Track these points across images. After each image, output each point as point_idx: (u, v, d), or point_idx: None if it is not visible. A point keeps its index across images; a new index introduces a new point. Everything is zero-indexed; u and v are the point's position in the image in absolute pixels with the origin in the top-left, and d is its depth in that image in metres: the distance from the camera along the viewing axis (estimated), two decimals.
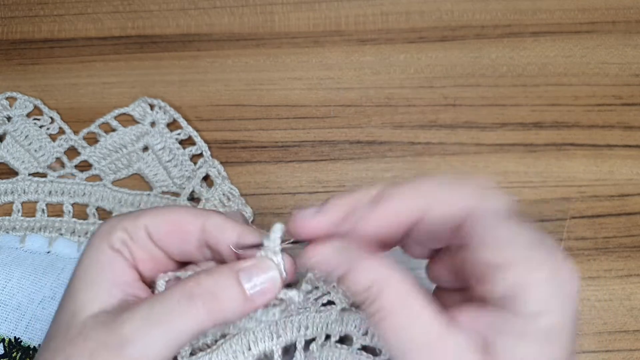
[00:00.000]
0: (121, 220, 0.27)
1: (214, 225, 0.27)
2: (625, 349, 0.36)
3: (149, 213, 0.27)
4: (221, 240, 0.27)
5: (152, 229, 0.27)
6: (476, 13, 0.45)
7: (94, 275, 0.26)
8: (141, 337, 0.24)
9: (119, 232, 0.26)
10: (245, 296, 0.25)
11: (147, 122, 0.42)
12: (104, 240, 0.26)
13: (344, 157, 0.41)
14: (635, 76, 0.42)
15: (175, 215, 0.27)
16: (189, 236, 0.27)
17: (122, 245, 0.26)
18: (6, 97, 0.43)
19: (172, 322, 0.24)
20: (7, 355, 0.34)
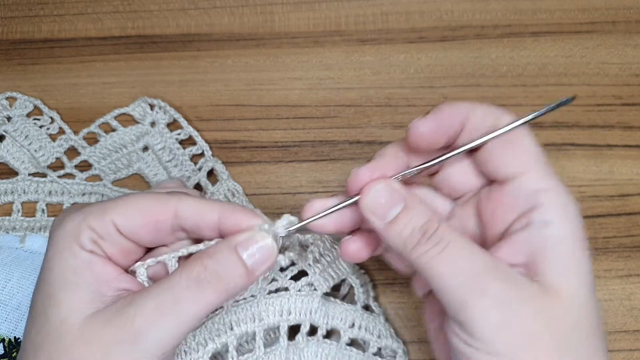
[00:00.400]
0: (85, 217, 0.26)
1: (189, 210, 0.27)
2: (625, 349, 0.36)
3: (115, 207, 0.26)
4: (202, 224, 0.27)
5: (121, 224, 0.26)
6: (476, 13, 0.45)
7: (75, 279, 0.25)
8: (154, 328, 0.24)
9: (87, 231, 0.26)
10: (247, 270, 0.26)
11: (147, 122, 0.42)
12: (72, 242, 0.26)
13: (344, 157, 0.41)
14: (635, 76, 0.42)
15: (144, 206, 0.27)
16: (161, 225, 0.27)
17: (94, 245, 0.26)
18: (6, 97, 0.43)
19: (183, 309, 0.24)
20: (7, 355, 0.34)
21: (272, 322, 0.31)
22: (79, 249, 0.26)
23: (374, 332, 0.34)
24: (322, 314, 0.32)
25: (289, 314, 0.31)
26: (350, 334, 0.33)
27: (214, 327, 0.30)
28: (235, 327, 0.30)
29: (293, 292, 0.32)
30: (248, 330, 0.30)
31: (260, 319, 0.30)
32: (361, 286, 0.35)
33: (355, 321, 0.34)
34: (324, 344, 0.32)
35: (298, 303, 0.31)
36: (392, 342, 0.34)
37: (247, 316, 0.30)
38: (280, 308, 0.31)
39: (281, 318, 0.31)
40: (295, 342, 0.32)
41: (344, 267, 0.35)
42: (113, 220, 0.26)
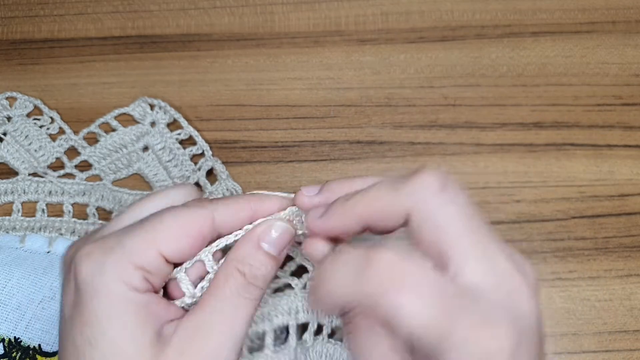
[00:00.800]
0: (128, 256, 0.24)
1: (226, 216, 0.27)
2: (625, 349, 0.36)
3: (158, 236, 0.25)
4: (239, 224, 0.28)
5: (169, 252, 0.25)
6: (476, 13, 0.45)
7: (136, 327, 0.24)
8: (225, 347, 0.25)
9: (136, 271, 0.24)
10: (274, 258, 0.27)
11: (147, 122, 0.42)
12: (120, 284, 0.24)
13: (344, 157, 0.41)
14: (635, 76, 0.42)
15: (187, 226, 0.26)
16: (203, 239, 0.27)
17: (146, 284, 0.25)
18: (6, 97, 0.43)
19: (240, 317, 0.26)
20: (7, 355, 0.34)
21: (281, 322, 0.31)
22: (135, 293, 0.24)
23: None
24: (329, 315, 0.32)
25: (297, 312, 0.31)
26: None
27: None
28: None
29: (297, 289, 0.32)
30: (259, 330, 0.30)
31: (270, 319, 0.30)
32: None
33: None
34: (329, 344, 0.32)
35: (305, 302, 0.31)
36: None
37: (257, 316, 0.30)
38: (289, 307, 0.31)
39: (290, 317, 0.31)
40: (303, 340, 0.32)
41: None
42: (160, 251, 0.25)
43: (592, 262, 0.38)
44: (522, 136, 0.41)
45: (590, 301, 0.37)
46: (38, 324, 0.35)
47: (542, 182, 0.40)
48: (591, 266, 0.38)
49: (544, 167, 0.40)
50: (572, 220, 0.39)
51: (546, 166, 0.40)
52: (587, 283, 0.37)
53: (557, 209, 0.39)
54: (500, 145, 0.41)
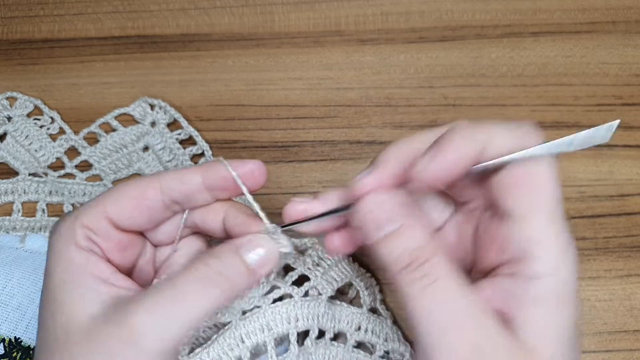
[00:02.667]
0: (78, 216, 0.26)
1: (171, 180, 0.27)
2: (625, 349, 0.36)
3: (105, 200, 0.27)
4: (188, 189, 0.27)
5: (113, 214, 0.27)
6: (476, 13, 0.45)
7: (74, 279, 0.25)
8: (154, 324, 0.24)
9: (81, 229, 0.26)
10: (249, 270, 0.26)
11: (148, 122, 0.42)
12: (68, 242, 0.26)
13: (344, 157, 0.41)
14: (635, 76, 0.42)
15: (131, 189, 0.27)
16: (152, 203, 0.27)
17: (89, 242, 0.26)
18: (6, 97, 0.43)
19: (186, 306, 0.24)
20: (8, 355, 0.34)
21: (281, 331, 0.31)
22: (75, 248, 0.26)
23: (381, 335, 0.34)
24: (329, 318, 0.32)
25: (296, 320, 0.31)
26: (357, 337, 0.33)
27: (226, 342, 0.29)
28: (246, 339, 0.30)
29: (297, 298, 0.31)
30: (259, 341, 0.30)
31: (270, 329, 0.30)
32: (366, 289, 0.35)
33: (361, 324, 0.34)
34: (332, 347, 0.32)
35: (304, 309, 0.31)
36: (400, 345, 0.34)
37: (256, 327, 0.30)
38: (288, 315, 0.31)
39: (289, 325, 0.31)
40: (305, 347, 0.32)
41: (347, 270, 0.35)
42: (104, 212, 0.26)
43: (592, 262, 0.38)
44: None
45: (590, 301, 0.37)
46: None
47: None
48: (591, 266, 0.38)
49: None
50: (572, 220, 0.39)
51: None
52: (587, 283, 0.37)
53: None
54: None
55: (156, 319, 0.24)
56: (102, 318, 0.24)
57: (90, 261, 0.26)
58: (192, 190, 0.27)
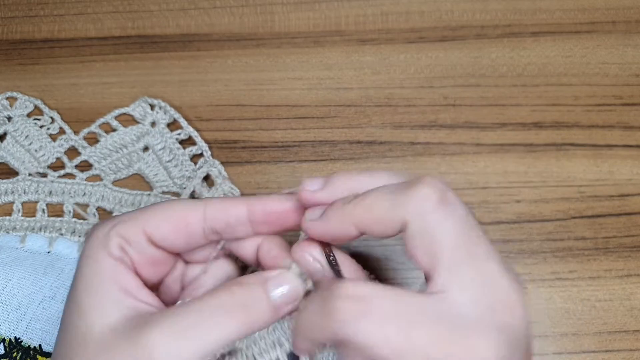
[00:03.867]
0: (116, 225, 0.26)
1: (216, 209, 0.27)
2: (625, 349, 0.36)
3: (146, 215, 0.27)
4: (231, 220, 0.27)
5: (152, 231, 0.26)
6: (476, 13, 0.45)
7: (98, 286, 0.25)
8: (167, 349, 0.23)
9: (116, 238, 0.26)
10: (273, 307, 0.26)
11: (148, 122, 0.42)
12: (100, 249, 0.26)
13: (344, 157, 0.41)
14: (635, 76, 0.42)
15: (174, 211, 0.27)
16: (192, 228, 0.27)
17: (122, 252, 0.26)
18: (6, 97, 0.43)
19: (202, 334, 0.24)
20: (8, 355, 0.34)
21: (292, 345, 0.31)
22: (106, 255, 0.25)
23: None
24: None
25: None
26: None
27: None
28: (258, 358, 0.29)
29: None
30: (272, 359, 0.29)
31: (281, 345, 0.30)
32: None
33: None
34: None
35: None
36: None
37: (268, 345, 0.30)
38: None
39: None
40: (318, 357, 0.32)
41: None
42: (143, 227, 0.26)
43: (592, 262, 0.38)
44: (522, 136, 0.41)
45: (590, 301, 0.37)
46: (38, 324, 0.35)
47: (542, 182, 0.40)
48: (591, 266, 0.38)
49: (544, 167, 0.40)
50: (572, 220, 0.39)
51: (546, 166, 0.40)
52: (587, 283, 0.37)
53: (557, 209, 0.39)
54: (500, 145, 0.41)
55: (171, 342, 0.23)
56: (120, 332, 0.24)
57: (119, 271, 0.26)
58: (235, 222, 0.27)
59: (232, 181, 0.40)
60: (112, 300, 0.25)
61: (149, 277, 0.27)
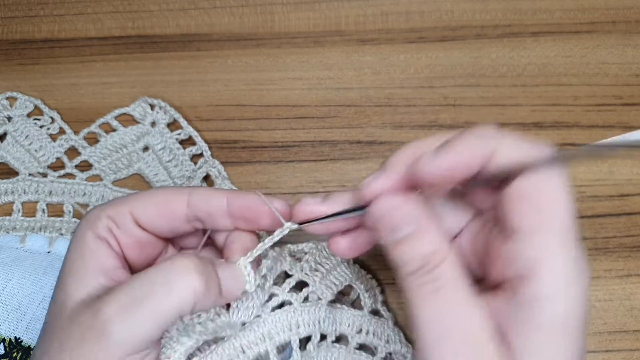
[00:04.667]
0: (105, 208, 0.28)
1: (199, 197, 0.28)
2: (625, 349, 0.36)
3: (133, 199, 0.28)
4: (212, 210, 0.28)
5: (138, 213, 0.28)
6: (476, 13, 0.45)
7: (79, 263, 0.26)
8: (120, 320, 0.24)
9: (104, 220, 0.27)
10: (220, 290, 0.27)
11: (148, 122, 0.42)
12: (89, 229, 0.27)
13: (344, 157, 0.41)
14: (635, 76, 0.42)
15: (160, 196, 0.28)
16: (176, 213, 0.28)
17: (108, 233, 0.27)
18: (6, 97, 0.43)
19: (157, 301, 0.24)
20: (8, 355, 0.34)
21: (282, 339, 0.30)
22: (92, 235, 0.27)
23: (382, 337, 0.34)
24: (330, 322, 0.32)
25: (297, 327, 0.31)
26: (358, 340, 0.33)
27: (225, 352, 0.29)
28: (247, 350, 0.29)
29: (297, 304, 0.31)
30: (260, 351, 0.30)
31: (271, 337, 0.30)
32: (367, 291, 0.35)
33: (362, 326, 0.33)
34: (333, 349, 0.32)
35: (305, 315, 0.31)
36: (401, 347, 0.34)
37: (257, 337, 0.30)
38: (289, 323, 0.31)
39: (291, 332, 0.31)
40: (307, 351, 0.31)
41: (346, 273, 0.34)
42: (130, 210, 0.28)
43: (592, 262, 0.38)
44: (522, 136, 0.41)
45: (590, 301, 0.37)
46: (39, 324, 0.35)
47: None
48: (591, 266, 0.38)
49: None
50: None
51: None
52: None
53: None
54: None
55: (124, 311, 0.24)
56: (83, 307, 0.25)
57: (101, 250, 0.27)
58: (215, 212, 0.28)
59: (232, 181, 0.40)
60: (89, 277, 0.26)
61: (136, 259, 0.29)
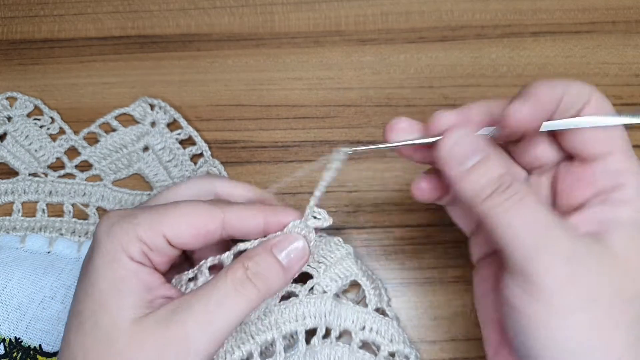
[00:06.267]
0: (136, 228, 0.27)
1: (236, 220, 0.29)
2: None
3: (165, 219, 0.28)
4: (249, 231, 0.29)
5: (171, 236, 0.27)
6: (476, 13, 0.45)
7: (123, 287, 0.26)
8: (203, 329, 0.26)
9: (137, 243, 0.27)
10: (283, 268, 0.28)
11: (148, 122, 0.42)
12: (122, 253, 0.27)
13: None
14: (635, 76, 0.42)
15: (194, 218, 0.28)
16: (211, 235, 0.28)
17: (143, 257, 0.27)
18: (6, 97, 0.43)
19: (229, 308, 0.26)
20: (8, 355, 0.34)
21: (289, 329, 0.31)
22: (128, 260, 0.27)
23: (386, 335, 0.34)
24: (335, 316, 0.32)
25: (304, 318, 0.31)
26: (362, 336, 0.33)
27: (238, 336, 0.30)
28: (255, 336, 0.30)
29: (302, 296, 0.32)
30: (267, 339, 0.30)
31: (277, 327, 0.31)
32: (372, 289, 0.35)
33: (366, 324, 0.34)
34: (337, 347, 0.32)
35: (311, 307, 0.32)
36: (405, 348, 0.34)
37: (264, 325, 0.30)
38: (295, 314, 0.31)
39: (297, 323, 0.31)
40: (311, 345, 0.32)
41: (352, 268, 0.34)
42: (163, 233, 0.27)
43: None
44: None
45: None
46: (39, 324, 0.35)
47: None
48: None
49: None
50: None
51: None
52: None
53: None
54: None
55: (205, 322, 0.26)
56: (152, 324, 0.26)
57: (141, 272, 0.27)
58: (252, 232, 0.29)
59: None
60: (139, 299, 0.26)
61: (163, 268, 0.29)
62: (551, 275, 0.22)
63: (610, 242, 0.24)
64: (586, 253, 0.23)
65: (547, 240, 0.23)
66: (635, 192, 0.25)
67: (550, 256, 0.23)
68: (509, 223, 0.23)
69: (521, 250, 0.23)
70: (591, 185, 0.26)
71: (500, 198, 0.24)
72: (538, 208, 0.24)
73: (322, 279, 0.33)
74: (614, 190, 0.25)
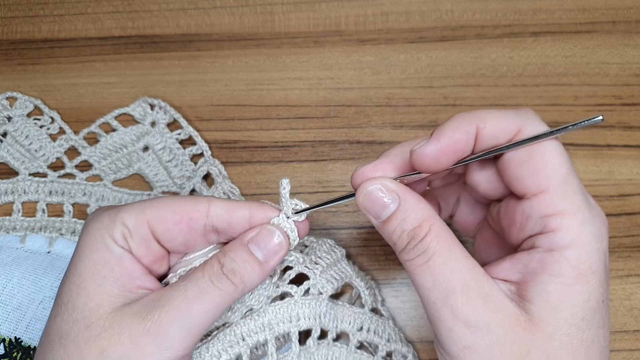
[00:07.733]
0: (120, 213, 0.27)
1: (221, 208, 0.28)
2: (625, 349, 0.36)
3: (152, 207, 0.28)
4: (234, 221, 0.28)
5: (156, 223, 0.27)
6: (476, 13, 0.45)
7: (105, 272, 0.26)
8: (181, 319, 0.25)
9: (120, 226, 0.27)
10: (259, 263, 0.28)
11: (148, 122, 0.42)
12: (106, 235, 0.27)
13: (344, 157, 0.41)
14: (635, 76, 0.42)
15: (179, 205, 0.28)
16: (194, 224, 0.28)
17: (124, 241, 0.27)
18: (6, 97, 0.43)
19: (207, 300, 0.26)
20: (8, 355, 0.34)
21: (282, 330, 0.31)
22: (112, 242, 0.27)
23: (383, 335, 0.34)
24: (331, 318, 0.32)
25: (298, 319, 0.31)
26: (359, 337, 0.33)
27: (226, 339, 0.30)
28: (247, 338, 0.30)
29: (297, 297, 0.32)
30: (260, 340, 0.30)
31: (271, 328, 0.30)
32: (367, 289, 0.35)
33: (363, 324, 0.34)
34: (334, 347, 0.32)
35: (305, 308, 0.31)
36: (402, 346, 0.34)
37: (257, 326, 0.30)
38: (289, 315, 0.31)
39: (291, 324, 0.31)
40: (307, 346, 0.32)
41: (347, 270, 0.35)
42: (147, 219, 0.27)
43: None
44: None
45: None
46: (39, 324, 0.35)
47: None
48: None
49: None
50: None
51: None
52: None
53: None
54: None
55: (181, 316, 0.25)
56: (130, 313, 0.25)
57: (124, 258, 0.27)
58: (237, 223, 0.29)
59: (232, 181, 0.40)
60: (119, 286, 0.26)
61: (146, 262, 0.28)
62: (452, 343, 0.23)
63: (528, 300, 0.23)
64: (492, 321, 0.22)
65: (449, 307, 0.23)
66: (564, 240, 0.23)
67: (450, 324, 0.23)
68: (418, 283, 0.24)
69: (429, 313, 0.24)
70: (522, 228, 0.24)
71: (410, 255, 0.24)
72: (445, 269, 0.23)
73: (319, 281, 0.33)
74: (541, 236, 0.23)
